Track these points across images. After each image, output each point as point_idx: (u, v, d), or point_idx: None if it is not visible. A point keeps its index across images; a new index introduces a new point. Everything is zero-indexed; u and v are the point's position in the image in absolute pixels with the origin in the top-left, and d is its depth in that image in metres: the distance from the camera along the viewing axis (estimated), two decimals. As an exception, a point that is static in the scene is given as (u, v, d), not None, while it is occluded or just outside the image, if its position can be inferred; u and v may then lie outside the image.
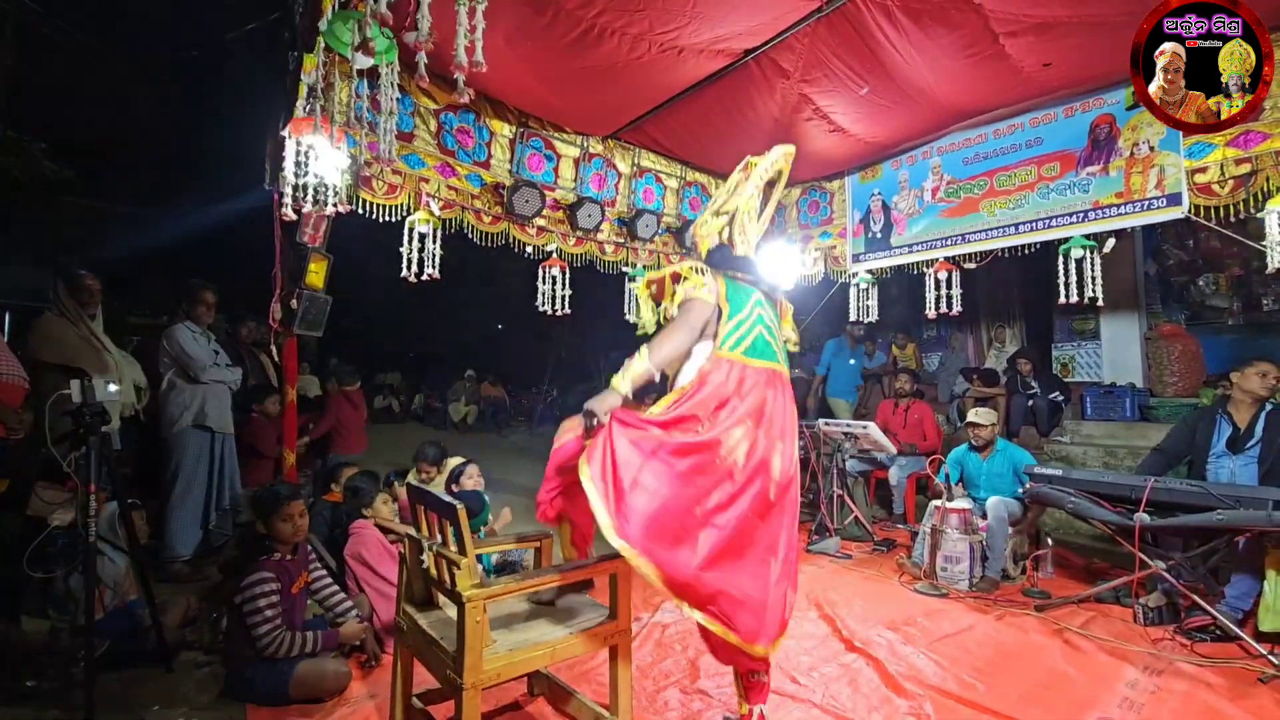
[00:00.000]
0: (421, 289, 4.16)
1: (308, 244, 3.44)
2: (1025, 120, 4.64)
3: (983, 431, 4.17)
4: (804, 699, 2.46)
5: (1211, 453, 3.34)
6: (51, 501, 2.75)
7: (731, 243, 2.15)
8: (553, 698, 2.37)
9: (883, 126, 4.74)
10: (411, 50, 1.83)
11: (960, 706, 2.41)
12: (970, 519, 3.85)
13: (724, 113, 4.50)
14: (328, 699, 2.43)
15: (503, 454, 8.82)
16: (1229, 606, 3.00)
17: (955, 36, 3.53)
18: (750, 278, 2.15)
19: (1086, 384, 6.42)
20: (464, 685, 1.70)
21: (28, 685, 2.42)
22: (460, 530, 1.80)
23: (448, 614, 2.06)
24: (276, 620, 2.42)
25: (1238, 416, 3.31)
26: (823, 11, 3.46)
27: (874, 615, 3.33)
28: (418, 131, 3.99)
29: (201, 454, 3.82)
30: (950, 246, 5.06)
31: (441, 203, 4.03)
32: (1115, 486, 3.29)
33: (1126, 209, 4.15)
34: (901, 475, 5.27)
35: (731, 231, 2.15)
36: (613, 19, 3.32)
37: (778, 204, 2.40)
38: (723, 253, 2.14)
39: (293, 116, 3.09)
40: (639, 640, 2.97)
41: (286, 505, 2.57)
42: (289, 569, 2.56)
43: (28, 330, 3.42)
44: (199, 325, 3.94)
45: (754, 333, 2.03)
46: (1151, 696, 2.49)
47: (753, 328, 2.04)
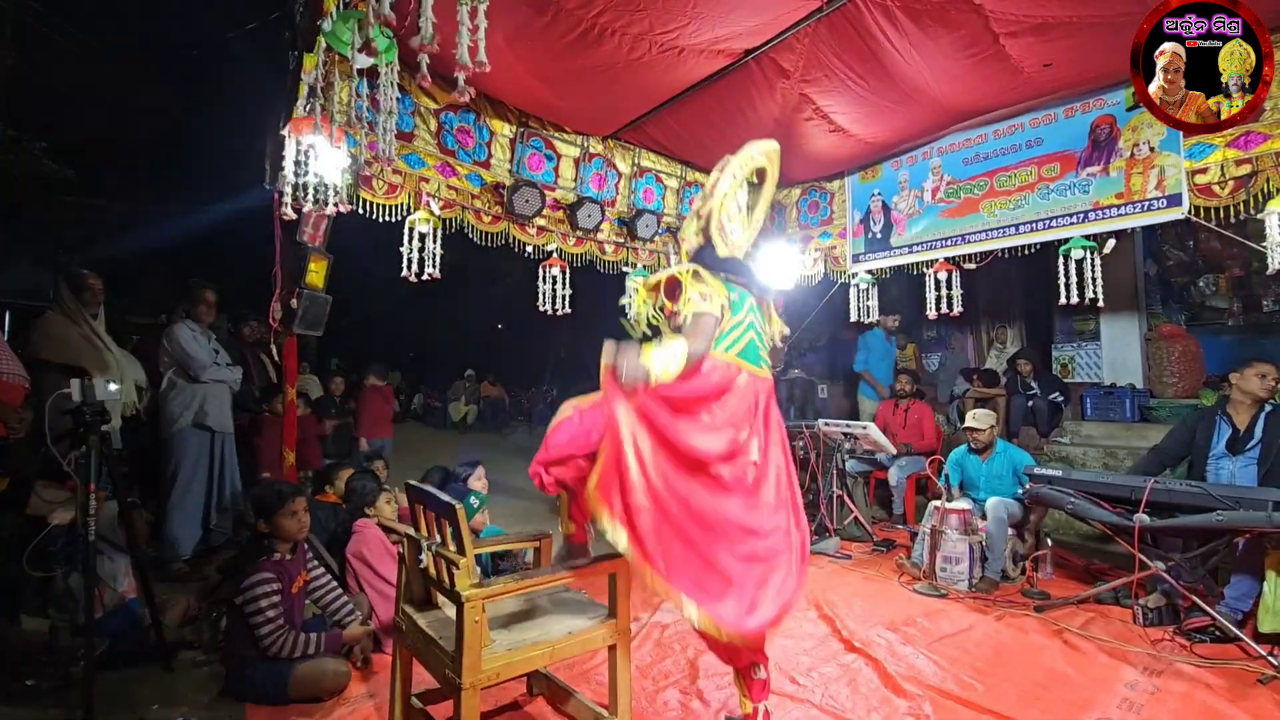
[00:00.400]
0: (421, 289, 4.16)
1: (308, 243, 3.44)
2: (1025, 121, 4.64)
3: (980, 435, 4.16)
4: (803, 699, 2.46)
5: (1211, 454, 3.34)
6: (51, 500, 2.75)
7: (711, 243, 2.11)
8: (552, 697, 2.37)
9: (883, 127, 4.74)
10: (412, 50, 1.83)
11: (959, 707, 2.41)
12: (970, 520, 3.85)
13: (724, 113, 4.50)
14: (327, 699, 2.43)
15: (503, 454, 8.81)
16: (1228, 607, 3.00)
17: (955, 37, 3.53)
18: (742, 280, 2.13)
19: (1086, 385, 6.42)
20: (463, 685, 1.70)
21: (27, 684, 2.43)
22: (459, 530, 1.80)
23: (447, 614, 2.07)
24: (279, 620, 2.42)
25: (1237, 418, 3.31)
26: (823, 11, 3.46)
27: (873, 615, 3.33)
28: (418, 131, 3.99)
29: (201, 453, 3.82)
30: (950, 247, 5.06)
31: (442, 202, 4.03)
32: (1115, 487, 3.29)
33: (1127, 210, 4.15)
34: (901, 476, 5.26)
35: (709, 232, 2.11)
36: (613, 19, 3.32)
37: (771, 203, 2.36)
38: (706, 254, 2.11)
39: (293, 116, 3.09)
40: (638, 640, 2.97)
41: (291, 501, 2.58)
42: (288, 569, 2.56)
43: (28, 329, 3.42)
44: (199, 325, 3.94)
45: (746, 337, 2.03)
46: (1151, 697, 2.49)
47: (745, 332, 2.04)
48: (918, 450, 5.34)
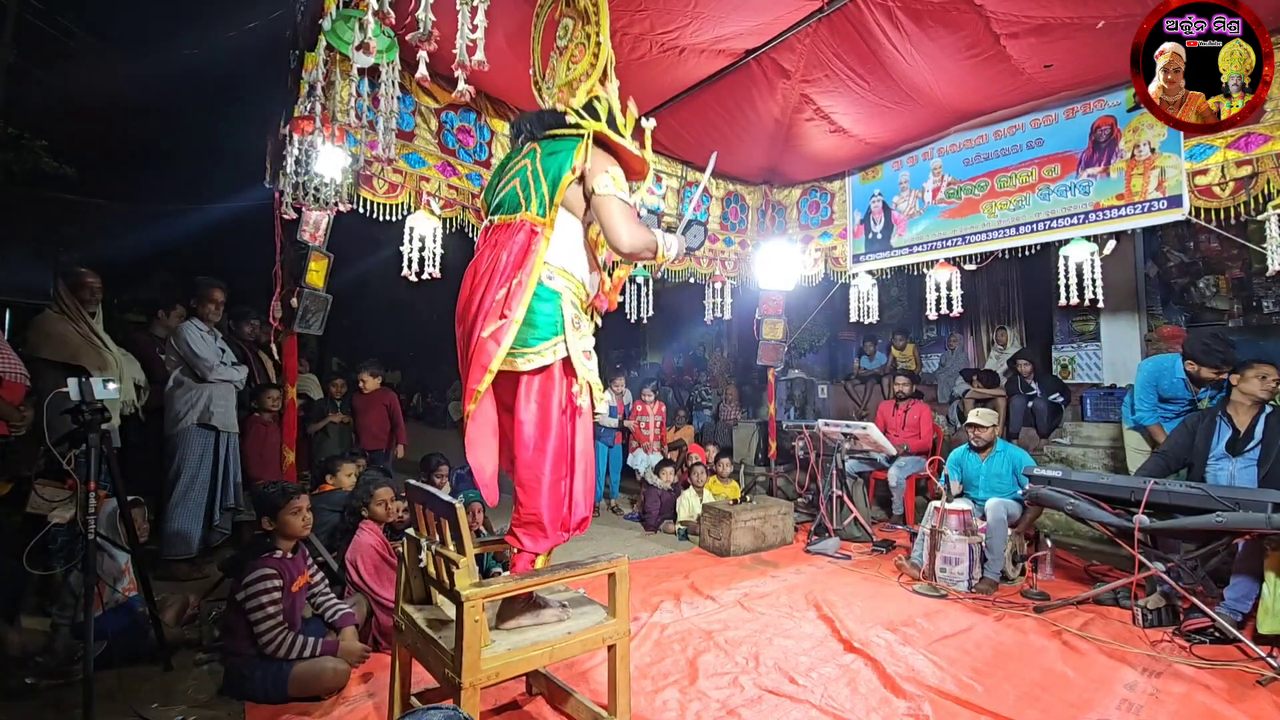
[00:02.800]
0: (422, 288, 4.15)
1: (308, 242, 3.44)
2: (1026, 121, 4.64)
3: (983, 433, 4.17)
4: (802, 699, 2.46)
5: (1211, 455, 3.33)
6: (51, 499, 2.75)
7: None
8: (551, 697, 2.37)
9: (884, 127, 4.74)
10: (412, 49, 1.84)
11: (959, 708, 2.41)
12: (969, 520, 3.85)
13: (725, 112, 4.50)
14: (326, 698, 2.43)
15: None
16: (1228, 609, 3.00)
17: (956, 37, 3.53)
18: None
19: (1086, 386, 6.42)
20: (462, 684, 1.70)
21: (27, 682, 2.43)
22: (459, 529, 1.80)
23: (446, 613, 2.07)
24: (279, 618, 2.43)
25: (1237, 419, 3.30)
26: (824, 12, 3.46)
27: (873, 616, 3.33)
28: (418, 130, 3.99)
29: (205, 452, 3.83)
30: (950, 247, 5.06)
31: (442, 202, 4.03)
32: (1115, 488, 3.28)
33: (1127, 211, 4.15)
34: (900, 476, 5.27)
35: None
36: (614, 19, 3.31)
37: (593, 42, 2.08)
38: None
39: (294, 115, 3.09)
40: (637, 640, 2.97)
41: (296, 499, 2.62)
42: (289, 568, 2.56)
43: (28, 327, 3.42)
44: (206, 323, 3.95)
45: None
46: (1150, 698, 2.49)
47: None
48: (914, 450, 5.34)
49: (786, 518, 4.88)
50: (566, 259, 2.02)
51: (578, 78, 2.11)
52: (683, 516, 5.21)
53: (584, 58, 2.10)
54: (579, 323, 2.01)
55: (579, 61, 2.12)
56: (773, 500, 5.13)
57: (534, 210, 1.97)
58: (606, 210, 1.96)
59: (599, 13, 2.06)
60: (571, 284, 2.02)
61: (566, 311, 1.97)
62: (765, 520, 4.73)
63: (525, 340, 1.91)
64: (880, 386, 7.86)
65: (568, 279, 2.01)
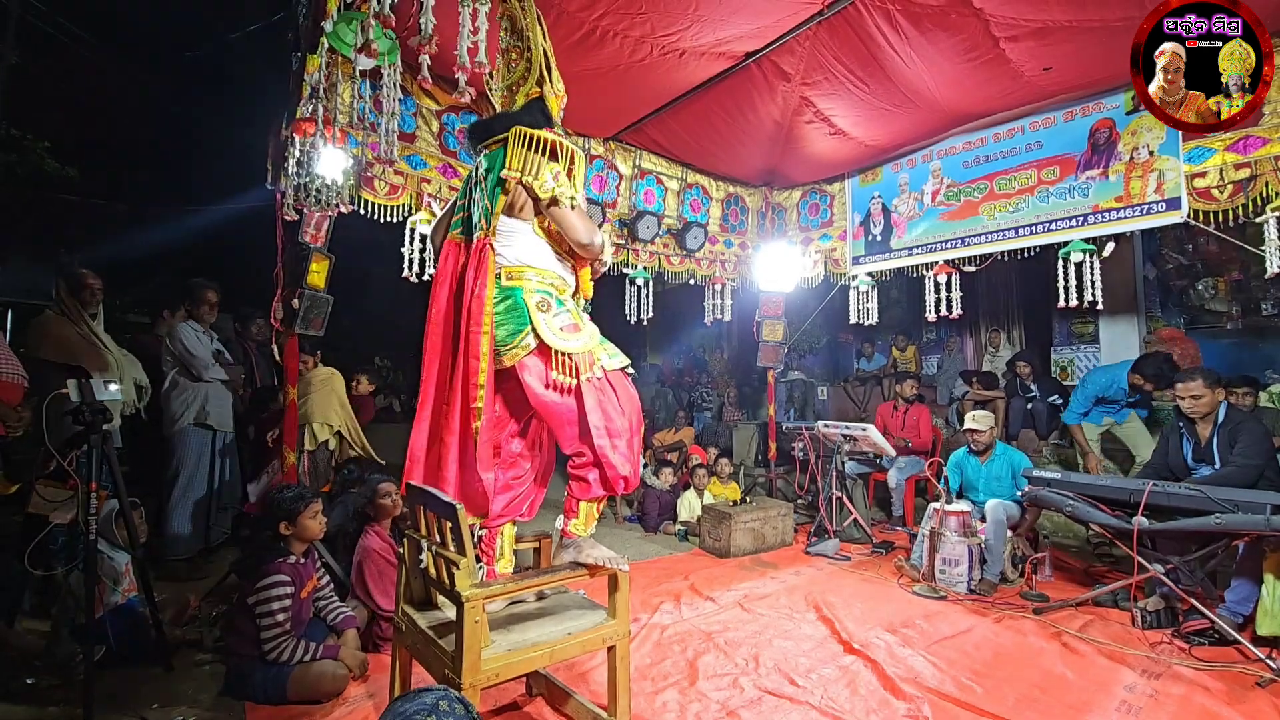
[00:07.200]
0: (423, 289, 4.15)
1: (309, 243, 3.45)
2: (1025, 124, 4.65)
3: (980, 436, 4.17)
4: (802, 700, 2.46)
5: (1188, 464, 3.43)
6: (52, 499, 2.75)
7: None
8: (551, 698, 2.37)
9: (883, 129, 4.75)
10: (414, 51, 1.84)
11: (958, 709, 2.41)
12: (969, 522, 3.85)
13: (725, 115, 4.51)
14: (325, 700, 2.43)
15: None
16: (1228, 611, 3.01)
17: (955, 40, 3.54)
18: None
19: (1086, 387, 6.42)
20: (462, 685, 1.70)
21: (27, 683, 2.43)
22: (459, 530, 1.80)
23: (446, 614, 2.07)
24: (285, 625, 2.44)
25: (1199, 430, 3.38)
26: (823, 15, 3.47)
27: (872, 617, 3.34)
28: (420, 132, 4.00)
29: (203, 452, 3.83)
30: (950, 249, 5.07)
31: (443, 203, 4.03)
32: (1114, 490, 3.29)
33: (1126, 213, 4.16)
34: (900, 478, 5.27)
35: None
36: (614, 22, 3.34)
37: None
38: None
39: (295, 116, 3.10)
40: (637, 641, 2.97)
41: (314, 502, 2.64)
42: (301, 572, 2.57)
43: (28, 328, 3.42)
44: (201, 324, 3.96)
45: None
46: (1149, 700, 2.49)
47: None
48: (913, 448, 5.34)
49: (786, 519, 4.88)
50: (524, 256, 2.06)
51: (515, 82, 2.16)
52: (683, 517, 5.21)
53: (520, 61, 2.15)
54: (546, 305, 2.03)
55: (517, 65, 2.17)
56: (772, 501, 5.13)
57: (487, 225, 2.06)
58: (556, 216, 2.03)
59: (527, 14, 2.08)
60: (534, 273, 2.06)
61: (529, 300, 2.01)
62: (765, 521, 4.73)
63: (502, 340, 2.00)
64: (880, 388, 7.86)
65: (529, 271, 2.05)
